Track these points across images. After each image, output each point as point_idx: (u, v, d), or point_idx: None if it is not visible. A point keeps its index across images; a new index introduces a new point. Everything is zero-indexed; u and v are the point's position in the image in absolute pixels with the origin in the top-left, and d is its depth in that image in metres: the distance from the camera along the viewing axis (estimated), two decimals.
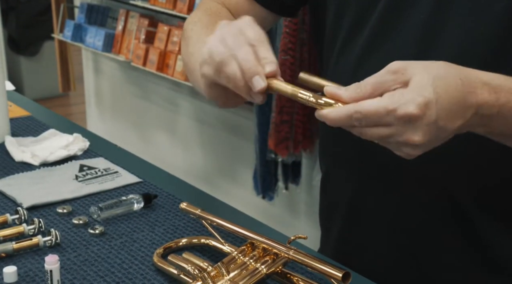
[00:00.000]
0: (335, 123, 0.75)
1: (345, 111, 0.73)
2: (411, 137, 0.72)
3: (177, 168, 2.85)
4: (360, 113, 0.72)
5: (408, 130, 0.72)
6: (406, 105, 0.70)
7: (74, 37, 3.18)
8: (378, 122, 0.72)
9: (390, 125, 0.72)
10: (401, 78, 0.72)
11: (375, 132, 0.73)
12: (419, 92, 0.71)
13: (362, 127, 0.74)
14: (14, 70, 4.59)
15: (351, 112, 0.73)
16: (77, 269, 0.89)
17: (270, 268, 0.82)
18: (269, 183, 2.38)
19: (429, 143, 0.74)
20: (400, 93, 0.71)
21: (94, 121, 3.61)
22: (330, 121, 0.75)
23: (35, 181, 1.13)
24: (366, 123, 0.73)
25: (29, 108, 1.51)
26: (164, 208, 1.06)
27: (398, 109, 0.71)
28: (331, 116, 0.74)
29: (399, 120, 0.71)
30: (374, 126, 0.73)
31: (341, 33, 0.98)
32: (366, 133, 0.74)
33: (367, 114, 0.72)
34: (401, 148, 0.74)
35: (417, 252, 0.98)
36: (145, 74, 3.06)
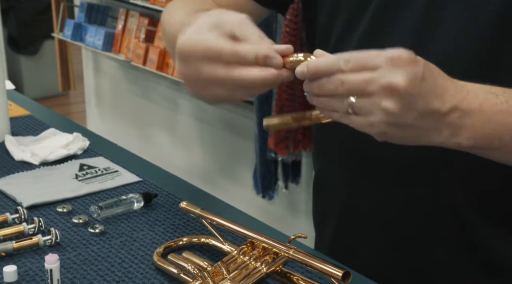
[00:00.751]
0: (319, 68, 0.72)
1: (334, 56, 0.72)
2: (394, 78, 0.70)
3: (177, 167, 2.85)
4: (350, 55, 0.71)
5: (393, 71, 0.70)
6: (398, 50, 0.71)
7: (74, 36, 3.18)
8: (366, 65, 0.71)
9: (376, 68, 0.70)
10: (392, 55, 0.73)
11: (359, 76, 0.71)
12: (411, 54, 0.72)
13: (346, 72, 0.71)
14: (14, 69, 4.59)
15: (340, 55, 0.72)
16: (77, 268, 0.90)
17: (270, 267, 0.82)
18: (269, 182, 2.39)
19: (407, 104, 0.71)
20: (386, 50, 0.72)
21: (94, 120, 3.61)
22: (314, 67, 0.72)
23: (35, 180, 1.13)
24: (353, 65, 0.71)
25: (29, 107, 1.51)
26: (164, 207, 1.06)
27: (388, 52, 0.71)
28: (318, 60, 0.73)
29: (388, 60, 0.70)
30: (359, 72, 0.71)
31: (334, 32, 0.98)
32: (348, 79, 0.71)
33: (357, 55, 0.71)
34: (380, 102, 0.71)
35: (412, 254, 0.97)
36: (145, 73, 3.06)
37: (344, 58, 0.71)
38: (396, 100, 0.70)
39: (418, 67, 0.71)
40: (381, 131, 0.73)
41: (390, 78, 0.70)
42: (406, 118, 0.72)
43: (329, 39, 0.99)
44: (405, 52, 0.71)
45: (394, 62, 0.70)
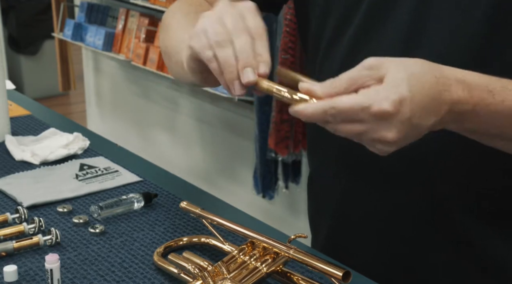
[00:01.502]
0: (309, 119, 0.74)
1: (320, 107, 0.72)
2: (384, 134, 0.71)
3: (177, 167, 2.85)
4: (335, 109, 0.71)
5: (381, 127, 0.71)
6: (380, 102, 0.70)
7: (74, 36, 3.18)
8: (353, 119, 0.71)
9: (364, 122, 0.71)
10: (376, 74, 0.72)
11: (349, 129, 0.72)
12: (394, 89, 0.70)
13: (336, 123, 0.73)
14: (14, 69, 4.59)
15: (326, 108, 0.72)
16: (78, 268, 0.90)
17: (270, 267, 0.82)
18: (269, 182, 2.39)
19: (403, 140, 0.73)
20: (375, 90, 0.71)
21: (94, 120, 3.61)
22: (305, 117, 0.74)
23: (35, 180, 1.13)
24: (340, 119, 0.72)
25: (29, 107, 1.51)
26: (164, 207, 1.06)
27: (372, 106, 0.70)
28: (306, 112, 0.73)
29: (373, 116, 0.70)
30: (349, 122, 0.72)
31: (326, 34, 0.97)
32: (340, 129, 0.73)
33: (341, 110, 0.71)
34: (374, 144, 0.73)
35: (407, 254, 0.97)
36: (145, 73, 3.06)
37: (330, 113, 0.72)
38: (390, 146, 0.73)
39: (403, 112, 0.71)
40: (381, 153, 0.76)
41: (379, 134, 0.72)
42: (403, 142, 0.74)
43: (321, 40, 0.99)
44: (388, 104, 0.70)
45: (378, 117, 0.70)
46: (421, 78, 0.72)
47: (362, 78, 0.72)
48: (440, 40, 0.87)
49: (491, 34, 0.85)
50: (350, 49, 0.94)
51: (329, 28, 0.97)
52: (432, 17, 0.87)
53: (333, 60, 0.96)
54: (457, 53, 0.86)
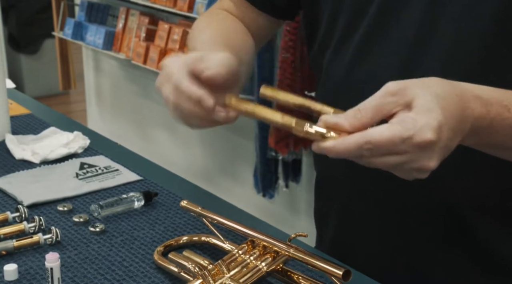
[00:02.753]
0: (341, 156, 0.69)
1: (354, 143, 0.68)
2: (426, 164, 0.69)
3: (178, 166, 2.85)
4: (371, 143, 0.67)
5: (423, 156, 0.68)
6: (423, 132, 0.67)
7: (74, 35, 3.18)
8: (391, 151, 0.68)
9: (404, 153, 0.68)
10: (402, 100, 0.69)
11: (387, 161, 0.69)
12: (430, 116, 0.68)
13: (372, 157, 0.69)
14: (14, 68, 4.59)
15: (361, 143, 0.67)
16: (78, 267, 0.90)
17: (270, 266, 0.82)
18: (270, 181, 2.39)
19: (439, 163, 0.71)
20: (411, 119, 0.67)
21: (95, 119, 3.61)
22: (337, 154, 0.69)
23: (36, 179, 1.13)
24: (377, 153, 0.68)
25: (29, 106, 1.51)
26: (165, 206, 1.06)
27: (414, 136, 0.67)
28: (339, 148, 0.68)
29: (415, 147, 0.67)
30: (386, 155, 0.68)
31: (336, 32, 0.98)
32: (376, 163, 0.69)
33: (379, 143, 0.67)
34: (412, 173, 0.71)
35: (412, 253, 0.97)
36: (145, 72, 3.06)
37: (366, 147, 0.67)
38: (427, 173, 0.71)
39: (443, 138, 0.69)
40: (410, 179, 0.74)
41: (421, 163, 0.69)
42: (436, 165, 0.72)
43: (329, 41, 0.99)
44: (431, 133, 0.67)
45: (422, 147, 0.67)
46: (446, 99, 0.70)
47: (388, 105, 0.69)
48: (449, 40, 0.87)
49: (500, 35, 0.85)
50: (359, 50, 0.94)
51: (339, 28, 0.97)
52: (442, 18, 0.87)
53: (341, 60, 0.97)
54: (465, 53, 0.86)
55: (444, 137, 0.69)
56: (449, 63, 0.86)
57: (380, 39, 0.92)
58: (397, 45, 0.91)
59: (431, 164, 0.69)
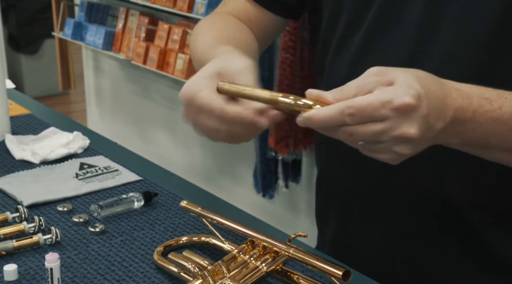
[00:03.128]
0: (323, 123, 0.71)
1: (335, 108, 0.70)
2: (406, 130, 0.70)
3: (177, 166, 2.85)
4: (353, 107, 0.69)
5: (404, 122, 0.69)
6: (402, 96, 0.69)
7: (74, 35, 3.18)
8: (372, 117, 0.69)
9: (385, 119, 0.69)
10: (384, 79, 0.71)
11: (368, 129, 0.70)
12: (409, 86, 0.70)
13: (353, 125, 0.70)
14: (14, 68, 4.59)
15: (343, 108, 0.69)
16: (78, 267, 0.90)
17: (270, 266, 0.82)
18: (269, 181, 2.39)
19: (420, 142, 0.72)
20: (391, 88, 0.70)
21: (94, 119, 3.61)
22: (318, 122, 0.71)
23: (36, 179, 1.13)
24: (359, 118, 0.69)
25: (29, 106, 1.51)
26: (165, 206, 1.06)
27: (393, 100, 0.69)
28: (319, 115, 0.70)
29: (395, 111, 0.69)
30: (367, 123, 0.70)
31: (337, 31, 0.98)
32: (357, 131, 0.70)
33: (360, 107, 0.69)
34: (392, 147, 0.71)
35: (414, 251, 0.97)
36: (145, 72, 3.06)
37: (347, 112, 0.69)
38: (409, 145, 0.71)
39: (423, 107, 0.70)
40: (391, 162, 0.75)
41: (402, 129, 0.70)
42: (416, 151, 0.73)
43: (331, 39, 0.99)
44: (409, 97, 0.69)
45: (401, 111, 0.69)
46: (427, 81, 0.72)
47: (370, 84, 0.71)
48: (449, 40, 0.87)
49: (501, 35, 0.85)
50: (360, 49, 0.94)
51: (341, 26, 0.97)
52: (442, 17, 0.88)
53: (343, 59, 0.97)
54: (465, 53, 0.87)
55: (423, 106, 0.70)
56: (449, 62, 0.86)
57: (381, 38, 0.92)
58: (398, 45, 0.91)
59: (411, 131, 0.70)
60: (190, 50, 1.07)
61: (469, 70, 0.85)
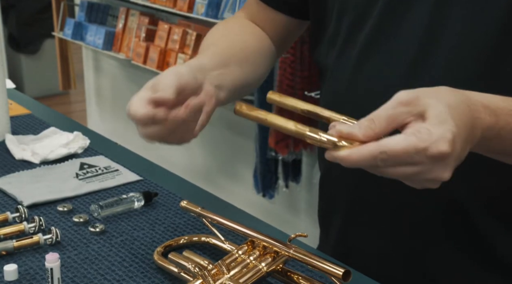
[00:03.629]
0: (355, 165, 0.69)
1: (368, 152, 0.68)
2: (440, 175, 0.69)
3: (178, 166, 2.85)
4: (386, 153, 0.67)
5: (437, 167, 0.68)
6: (438, 144, 0.67)
7: (74, 35, 3.18)
8: (406, 162, 0.68)
9: (418, 164, 0.68)
10: (415, 110, 0.69)
11: (400, 171, 0.69)
12: (445, 128, 0.68)
13: (386, 167, 0.69)
14: (14, 68, 4.59)
15: (376, 153, 0.67)
16: (78, 267, 0.90)
17: (270, 266, 0.82)
18: (270, 181, 2.39)
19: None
20: (426, 130, 0.67)
21: (95, 119, 3.61)
22: (351, 163, 0.69)
23: (36, 179, 1.13)
24: (392, 163, 0.68)
25: (29, 106, 1.51)
26: (165, 206, 1.06)
27: (429, 148, 0.67)
28: (353, 158, 0.69)
29: (430, 158, 0.67)
30: (401, 166, 0.69)
31: (341, 31, 0.98)
32: (390, 173, 0.69)
33: (394, 153, 0.67)
34: (424, 183, 0.71)
35: (416, 250, 0.98)
36: (145, 72, 3.06)
37: (380, 157, 0.68)
38: (439, 183, 0.71)
39: (456, 150, 0.69)
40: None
41: (435, 174, 0.69)
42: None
43: (336, 38, 0.99)
44: (445, 145, 0.67)
45: (436, 159, 0.68)
46: (458, 110, 0.71)
47: (401, 115, 0.69)
48: (454, 41, 0.87)
49: (507, 36, 0.85)
50: (364, 49, 0.94)
51: (344, 27, 0.97)
52: (448, 15, 0.87)
53: (347, 60, 0.97)
54: (471, 54, 0.86)
55: (457, 148, 0.69)
56: (454, 62, 0.86)
57: (385, 38, 0.92)
58: (403, 45, 0.91)
59: (445, 175, 0.69)
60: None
61: (474, 70, 0.85)
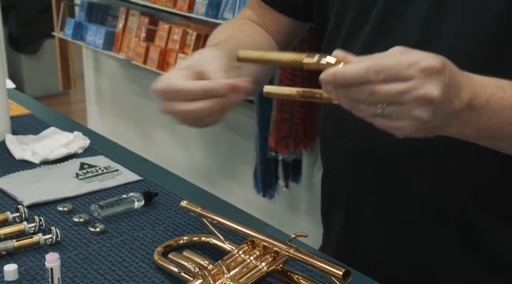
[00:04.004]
0: (348, 78, 0.71)
1: (362, 65, 0.71)
2: (430, 90, 0.70)
3: (178, 166, 2.85)
4: (379, 65, 0.70)
5: (428, 83, 0.70)
6: (428, 58, 0.70)
7: (74, 35, 3.18)
8: (398, 76, 0.70)
9: (410, 79, 0.70)
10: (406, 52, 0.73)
11: (391, 88, 0.70)
12: (434, 56, 0.72)
13: (377, 84, 0.71)
14: (14, 68, 4.59)
15: (369, 65, 0.71)
16: (78, 267, 0.90)
17: (270, 266, 0.82)
18: (270, 181, 2.39)
19: (439, 110, 0.72)
20: (417, 52, 0.71)
21: (95, 119, 3.61)
22: (343, 76, 0.71)
23: (36, 179, 1.13)
24: (384, 76, 0.70)
25: (29, 106, 1.51)
26: (165, 206, 1.06)
27: (420, 61, 0.70)
28: (346, 70, 0.71)
29: (421, 71, 0.70)
30: (391, 81, 0.70)
31: (342, 30, 0.98)
32: (380, 90, 0.71)
33: (387, 65, 0.70)
34: (413, 110, 0.71)
35: (417, 249, 0.98)
36: (145, 72, 3.06)
37: (374, 69, 0.70)
38: (429, 109, 0.71)
39: (445, 74, 0.71)
40: (406, 134, 0.74)
41: (426, 89, 0.70)
42: (433, 122, 0.73)
43: (337, 37, 1.00)
44: (436, 61, 0.71)
45: (427, 72, 0.70)
46: (449, 62, 0.74)
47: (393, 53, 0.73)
48: (453, 38, 0.88)
49: (504, 33, 0.86)
50: (365, 48, 0.95)
51: (346, 24, 0.98)
52: (445, 16, 0.88)
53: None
54: (469, 51, 0.87)
55: (447, 73, 0.71)
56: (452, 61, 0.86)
57: (385, 37, 0.93)
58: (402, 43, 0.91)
59: (434, 91, 0.70)
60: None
61: (472, 69, 0.85)
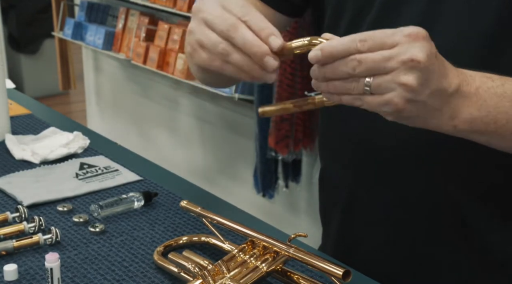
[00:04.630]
0: (335, 50, 0.73)
1: (348, 37, 0.73)
2: (415, 53, 0.71)
3: (178, 166, 2.85)
4: (365, 35, 0.72)
5: (413, 47, 0.72)
6: (412, 27, 0.73)
7: (74, 35, 3.18)
8: (384, 44, 0.72)
9: (395, 45, 0.72)
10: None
11: (377, 54, 0.72)
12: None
13: (363, 52, 0.72)
14: (14, 68, 4.59)
15: (356, 36, 0.73)
16: (78, 267, 0.90)
17: (270, 266, 0.82)
18: (269, 181, 2.39)
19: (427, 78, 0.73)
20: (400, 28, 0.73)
21: (95, 119, 3.61)
22: (330, 48, 0.74)
23: (36, 179, 1.13)
24: (370, 44, 0.72)
25: (29, 106, 1.51)
26: (165, 206, 1.06)
27: (404, 29, 0.72)
28: (333, 43, 0.74)
29: (406, 37, 0.72)
30: (377, 49, 0.72)
31: (340, 29, 0.98)
32: (367, 58, 0.72)
33: (373, 34, 0.72)
34: (400, 76, 0.72)
35: (416, 249, 0.98)
36: (145, 72, 3.06)
37: (359, 38, 0.72)
38: (416, 74, 0.72)
39: (430, 43, 0.73)
40: (396, 108, 0.74)
41: (411, 53, 0.71)
42: (421, 94, 0.73)
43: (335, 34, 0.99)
44: (420, 29, 0.73)
45: (412, 38, 0.72)
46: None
47: None
48: (448, 37, 0.88)
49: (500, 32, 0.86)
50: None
51: (343, 24, 0.98)
52: (442, 14, 0.89)
53: None
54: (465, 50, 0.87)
55: (432, 43, 0.73)
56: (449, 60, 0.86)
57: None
58: None
59: (419, 54, 0.72)
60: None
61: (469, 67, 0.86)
